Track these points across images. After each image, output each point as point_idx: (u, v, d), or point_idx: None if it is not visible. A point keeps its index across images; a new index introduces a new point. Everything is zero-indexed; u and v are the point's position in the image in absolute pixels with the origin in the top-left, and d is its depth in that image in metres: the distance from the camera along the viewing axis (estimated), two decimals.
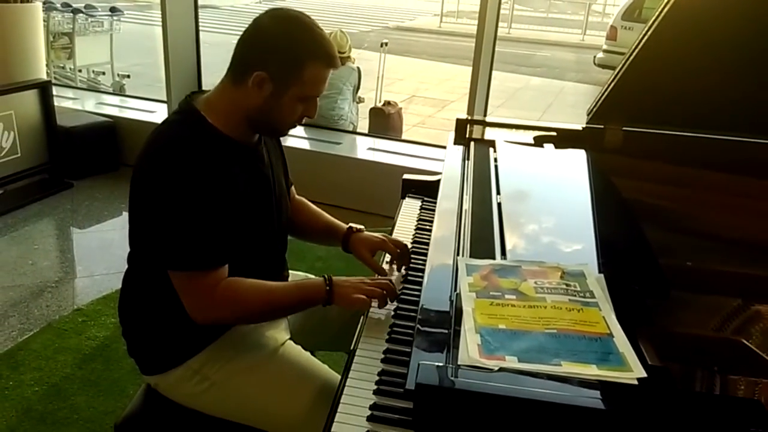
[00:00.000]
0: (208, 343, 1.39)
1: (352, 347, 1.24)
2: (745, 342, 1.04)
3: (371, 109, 5.12)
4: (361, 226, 1.61)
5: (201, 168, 1.24)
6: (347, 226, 1.61)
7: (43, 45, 4.16)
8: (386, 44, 6.21)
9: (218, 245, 1.27)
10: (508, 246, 1.29)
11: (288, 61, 1.27)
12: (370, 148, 4.12)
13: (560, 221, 1.49)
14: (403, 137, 5.11)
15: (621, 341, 0.98)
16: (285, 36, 1.27)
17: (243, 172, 1.33)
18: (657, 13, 1.79)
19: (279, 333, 1.48)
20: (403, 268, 1.52)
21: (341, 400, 1.08)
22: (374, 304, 1.31)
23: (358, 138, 4.47)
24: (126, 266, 1.45)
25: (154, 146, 1.29)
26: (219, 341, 1.39)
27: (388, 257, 1.57)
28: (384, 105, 5.14)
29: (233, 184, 1.29)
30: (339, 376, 1.20)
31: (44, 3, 5.31)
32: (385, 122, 4.98)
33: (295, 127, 1.39)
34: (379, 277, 1.44)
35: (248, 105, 1.30)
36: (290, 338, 1.49)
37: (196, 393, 1.38)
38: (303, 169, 1.69)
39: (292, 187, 1.64)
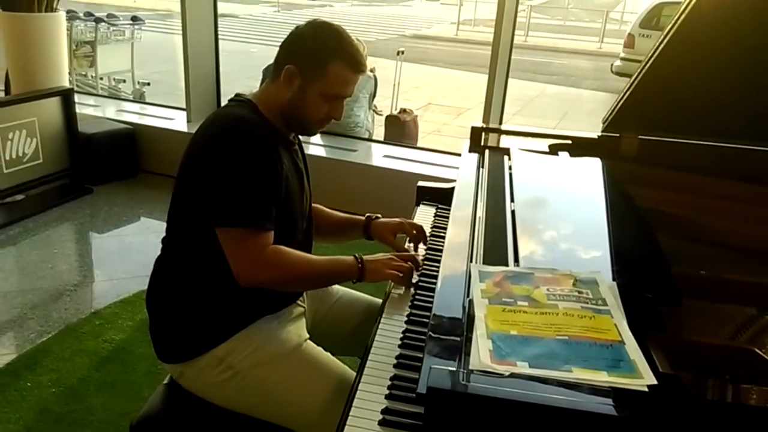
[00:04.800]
0: (235, 332, 1.42)
1: (367, 343, 1.26)
2: (757, 351, 1.04)
3: (387, 117, 5.13)
4: (378, 214, 1.74)
5: (260, 140, 1.38)
6: (365, 215, 1.73)
7: (66, 53, 4.24)
8: (402, 52, 6.23)
9: (271, 210, 1.37)
10: (522, 253, 1.29)
11: (314, 57, 1.40)
12: (385, 156, 4.13)
13: (574, 229, 1.49)
14: (419, 145, 5.11)
15: (632, 349, 0.98)
16: (315, 36, 1.44)
17: (285, 158, 1.45)
18: (673, 21, 1.79)
19: (301, 329, 1.53)
20: (422, 246, 1.67)
21: (353, 404, 1.09)
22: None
23: (374, 145, 4.49)
24: (143, 273, 1.49)
25: (216, 121, 1.43)
26: (245, 331, 1.43)
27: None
28: (400, 113, 5.16)
29: (281, 163, 1.41)
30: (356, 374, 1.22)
31: (67, 12, 5.40)
32: (400, 130, 4.99)
33: (322, 126, 1.49)
34: (403, 253, 1.57)
35: (283, 98, 1.43)
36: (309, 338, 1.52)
37: (219, 382, 1.41)
38: (319, 177, 1.72)
39: None
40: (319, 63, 1.40)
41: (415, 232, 1.68)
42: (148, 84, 6.72)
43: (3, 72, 4.41)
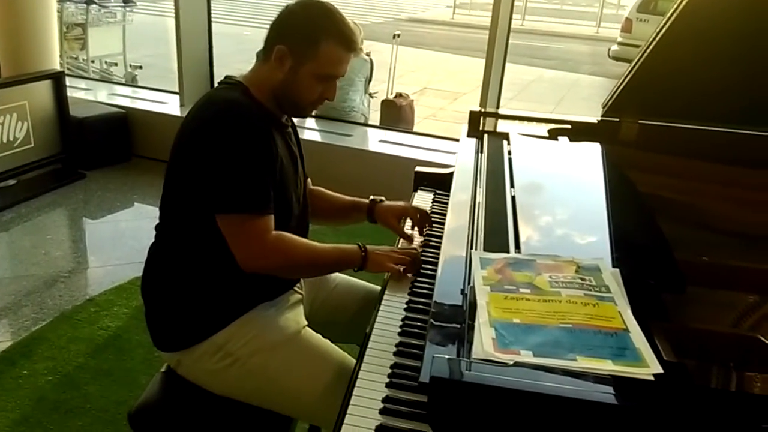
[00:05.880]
0: (233, 319, 1.41)
1: (366, 331, 1.25)
2: (761, 338, 1.03)
3: (383, 101, 5.10)
4: (382, 197, 1.71)
5: (253, 123, 1.35)
6: (369, 198, 1.71)
7: (57, 36, 4.18)
8: (398, 36, 6.17)
9: (270, 193, 1.35)
10: (522, 239, 1.28)
11: (306, 37, 1.37)
12: (381, 141, 4.10)
13: (574, 215, 1.47)
14: (415, 129, 5.08)
15: (637, 336, 0.97)
16: (306, 15, 1.39)
17: (279, 141, 1.42)
18: (674, 7, 1.76)
19: (299, 316, 1.51)
20: (424, 231, 1.65)
21: (354, 393, 1.08)
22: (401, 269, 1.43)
23: (370, 130, 4.46)
24: (137, 259, 1.47)
25: (207, 105, 1.39)
26: (244, 318, 1.42)
27: (409, 223, 1.72)
28: (396, 97, 5.12)
29: (275, 145, 1.38)
30: (355, 361, 1.20)
31: None
32: (396, 114, 4.96)
33: (315, 107, 1.47)
34: (406, 248, 1.56)
35: (274, 80, 1.39)
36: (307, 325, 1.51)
37: (217, 369, 1.40)
38: (314, 161, 1.70)
39: (308, 179, 1.66)
40: (310, 43, 1.36)
41: (419, 216, 1.66)
42: (140, 67, 6.63)
43: None
